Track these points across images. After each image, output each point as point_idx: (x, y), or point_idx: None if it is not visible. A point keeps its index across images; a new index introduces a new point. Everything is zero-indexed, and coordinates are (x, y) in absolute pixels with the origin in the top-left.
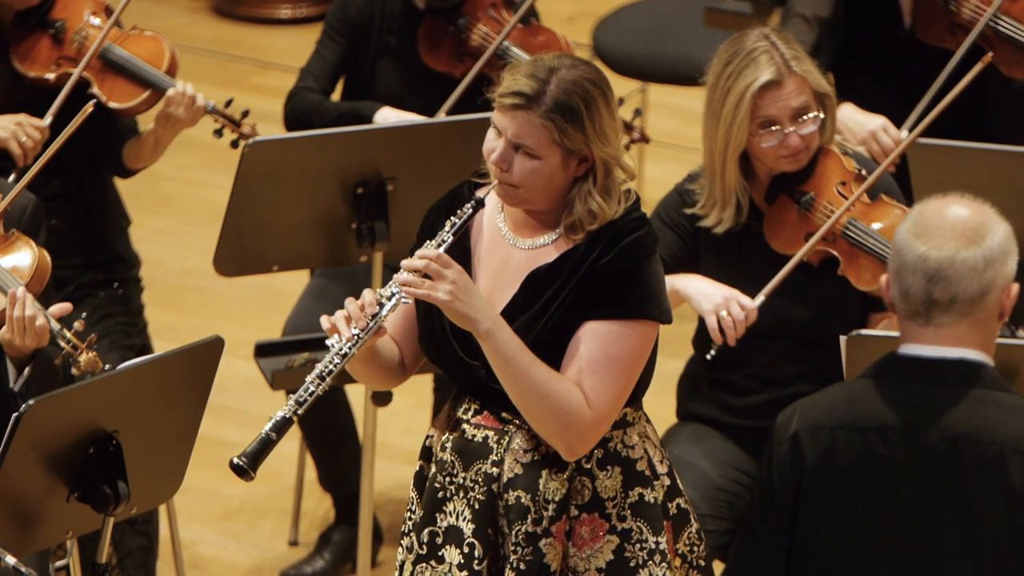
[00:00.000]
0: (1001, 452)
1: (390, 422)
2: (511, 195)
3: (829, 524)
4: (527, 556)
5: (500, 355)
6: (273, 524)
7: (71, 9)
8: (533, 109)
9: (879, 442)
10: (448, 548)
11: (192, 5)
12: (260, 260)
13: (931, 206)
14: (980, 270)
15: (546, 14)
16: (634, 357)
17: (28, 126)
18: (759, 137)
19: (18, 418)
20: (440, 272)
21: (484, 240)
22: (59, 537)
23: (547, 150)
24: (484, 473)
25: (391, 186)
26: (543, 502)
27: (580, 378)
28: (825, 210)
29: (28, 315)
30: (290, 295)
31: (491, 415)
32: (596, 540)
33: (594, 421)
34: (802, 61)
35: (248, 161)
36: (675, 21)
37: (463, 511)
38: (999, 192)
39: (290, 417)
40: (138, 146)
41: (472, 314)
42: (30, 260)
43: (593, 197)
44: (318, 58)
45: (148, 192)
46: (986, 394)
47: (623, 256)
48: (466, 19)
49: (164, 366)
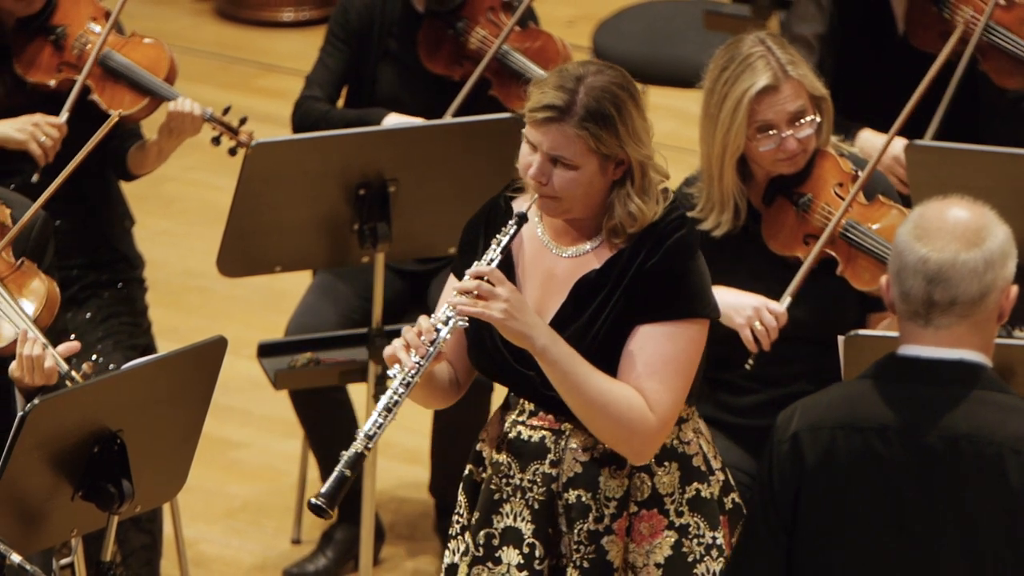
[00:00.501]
0: (1000, 453)
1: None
2: (552, 207)
3: (828, 524)
4: (590, 554)
5: (558, 370)
6: (276, 522)
7: (72, 15)
8: (566, 120)
9: (878, 442)
10: (506, 549)
11: (195, 8)
12: (263, 261)
13: (931, 208)
14: (980, 272)
15: (546, 17)
16: (689, 356)
17: (46, 125)
18: (756, 141)
19: (23, 418)
20: (493, 291)
21: (526, 251)
22: (64, 535)
23: (584, 159)
24: (542, 473)
25: (393, 187)
26: (604, 500)
27: (639, 383)
28: (823, 211)
29: (36, 355)
30: (293, 295)
31: (547, 415)
32: (655, 536)
33: (658, 424)
34: (798, 65)
35: (251, 163)
36: (674, 24)
37: (521, 512)
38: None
39: (362, 452)
40: (143, 154)
41: (527, 331)
42: (41, 293)
43: (632, 199)
44: (322, 66)
45: (152, 193)
46: (985, 395)
47: (668, 257)
48: (464, 22)
49: (168, 366)
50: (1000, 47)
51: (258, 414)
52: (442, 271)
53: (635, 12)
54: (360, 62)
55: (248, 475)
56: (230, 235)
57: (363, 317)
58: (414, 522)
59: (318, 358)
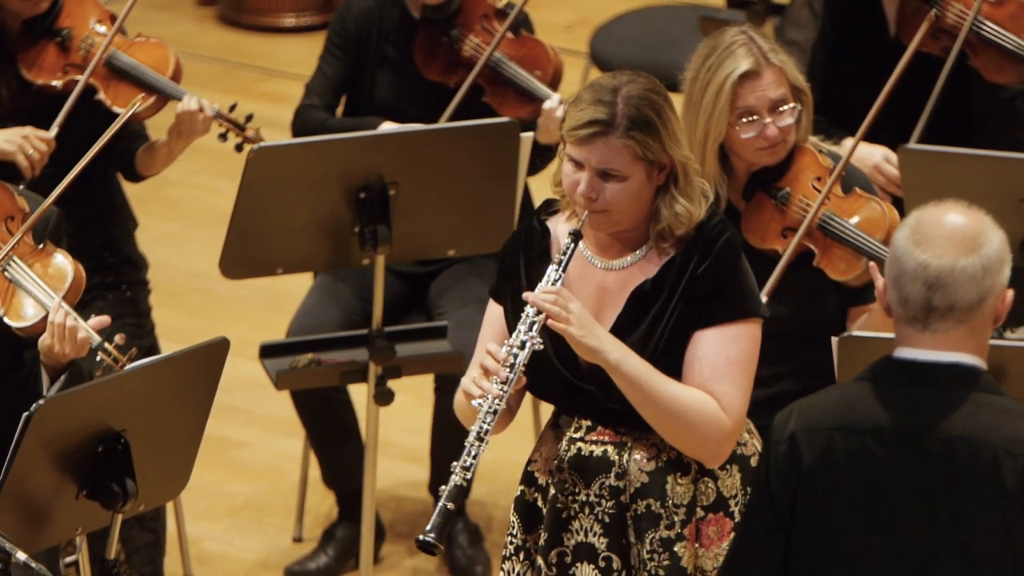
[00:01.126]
0: (995, 455)
1: (392, 421)
2: (603, 221)
3: (825, 524)
4: (664, 561)
5: (633, 382)
6: (278, 521)
7: (77, 17)
8: (611, 133)
9: (875, 444)
10: (580, 565)
11: (199, 14)
12: (265, 263)
13: (929, 213)
14: (979, 278)
15: (545, 23)
16: (750, 356)
17: (35, 139)
18: (738, 128)
19: (28, 418)
20: (567, 308)
21: (571, 269)
22: (69, 534)
23: (633, 168)
24: (609, 487)
25: (393, 191)
26: (673, 507)
27: (709, 387)
28: (800, 204)
29: (69, 325)
30: (294, 297)
31: (606, 429)
32: (722, 539)
33: (732, 426)
34: (779, 53)
35: (253, 166)
36: (671, 30)
37: (592, 527)
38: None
39: (462, 484)
40: (151, 155)
41: (599, 346)
42: (68, 271)
43: (677, 200)
44: (321, 74)
45: (156, 196)
46: (980, 397)
47: (720, 261)
48: (458, 30)
49: (171, 366)
50: (990, 42)
51: (260, 414)
52: (442, 273)
53: (632, 18)
54: (358, 69)
55: (250, 474)
56: (232, 237)
57: (364, 318)
58: (414, 520)
59: (319, 359)
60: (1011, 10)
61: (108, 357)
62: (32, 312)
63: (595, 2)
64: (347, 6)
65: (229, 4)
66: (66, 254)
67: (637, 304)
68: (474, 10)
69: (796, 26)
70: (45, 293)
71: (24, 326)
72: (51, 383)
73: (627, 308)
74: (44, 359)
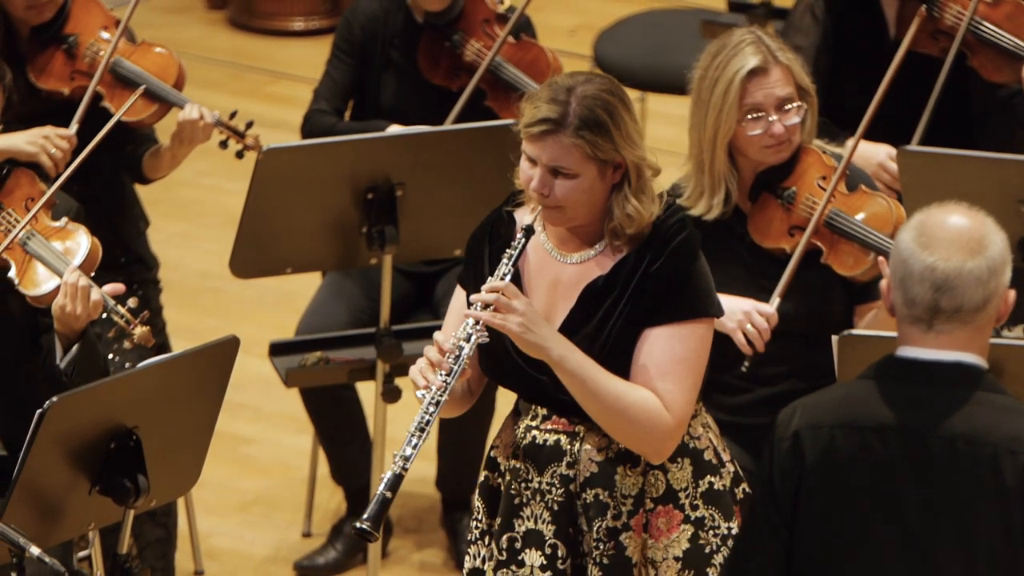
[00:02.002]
0: (996, 453)
1: (399, 418)
2: (556, 217)
3: (827, 521)
4: (609, 551)
5: (576, 378)
6: (287, 516)
7: (84, 24)
8: (561, 131)
9: (877, 441)
10: (528, 551)
11: (209, 18)
12: (274, 262)
13: (933, 215)
14: (984, 280)
15: (549, 26)
16: (698, 356)
17: (55, 137)
18: (745, 125)
19: (42, 415)
20: (510, 305)
21: (531, 261)
22: (82, 529)
23: (583, 166)
24: (560, 475)
25: (400, 191)
26: (621, 497)
27: (653, 384)
28: (807, 203)
29: (83, 285)
30: (303, 296)
31: (561, 418)
32: (672, 530)
33: (675, 423)
34: (787, 52)
35: (263, 168)
36: (673, 33)
37: (542, 514)
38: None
39: (400, 473)
40: (157, 160)
41: (543, 343)
42: (85, 244)
43: (629, 200)
44: (328, 79)
45: (167, 197)
46: (982, 396)
47: (673, 260)
48: (460, 35)
49: (182, 364)
50: (988, 42)
51: (269, 411)
52: (448, 272)
53: (635, 22)
54: (365, 73)
55: (260, 470)
56: (242, 238)
57: (371, 317)
58: (421, 516)
59: (327, 357)
60: (1007, 10)
61: (121, 319)
62: (46, 280)
63: (599, 6)
64: (352, 11)
65: (239, 8)
66: (84, 229)
67: (589, 300)
68: (475, 15)
69: (798, 31)
70: (61, 262)
71: (38, 294)
72: (64, 353)
73: (579, 304)
74: (57, 325)
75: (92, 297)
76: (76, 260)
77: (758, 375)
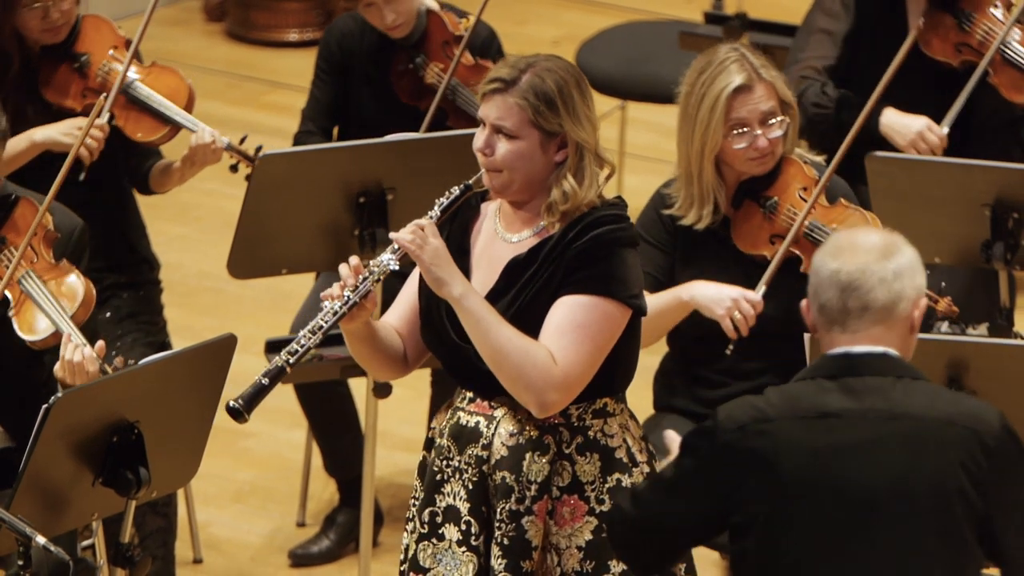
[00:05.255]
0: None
1: (390, 413)
2: (496, 180)
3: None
4: (510, 532)
5: (471, 316)
6: (282, 507)
7: (95, 44)
8: (509, 92)
9: (821, 428)
10: (448, 526)
11: (208, 30)
12: (270, 264)
13: (844, 233)
14: (889, 280)
15: (533, 38)
16: (600, 328)
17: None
18: (731, 139)
19: (47, 410)
20: (425, 239)
21: (481, 239)
22: (85, 519)
23: (524, 130)
24: (475, 456)
25: (391, 196)
26: (526, 482)
27: (548, 340)
28: (788, 213)
29: (78, 362)
30: (297, 296)
31: (483, 401)
32: (576, 520)
33: (560, 377)
34: (770, 69)
35: (259, 173)
36: (652, 44)
37: (459, 492)
38: (951, 202)
39: (283, 366)
40: (166, 177)
41: (447, 279)
42: (79, 291)
43: (566, 178)
44: (313, 100)
45: (168, 202)
46: (909, 382)
47: (593, 240)
48: (423, 57)
49: (182, 361)
50: (1012, 62)
51: (266, 406)
52: None
53: (616, 33)
54: (347, 88)
55: (256, 463)
56: (240, 240)
57: None
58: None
59: (321, 354)
60: None
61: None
62: (43, 328)
63: (581, 18)
64: (330, 31)
65: (236, 20)
66: (79, 274)
67: (511, 273)
68: (436, 38)
69: (827, 15)
70: (56, 311)
71: (36, 340)
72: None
73: (502, 275)
74: (59, 382)
75: (89, 371)
76: (70, 309)
77: (737, 370)
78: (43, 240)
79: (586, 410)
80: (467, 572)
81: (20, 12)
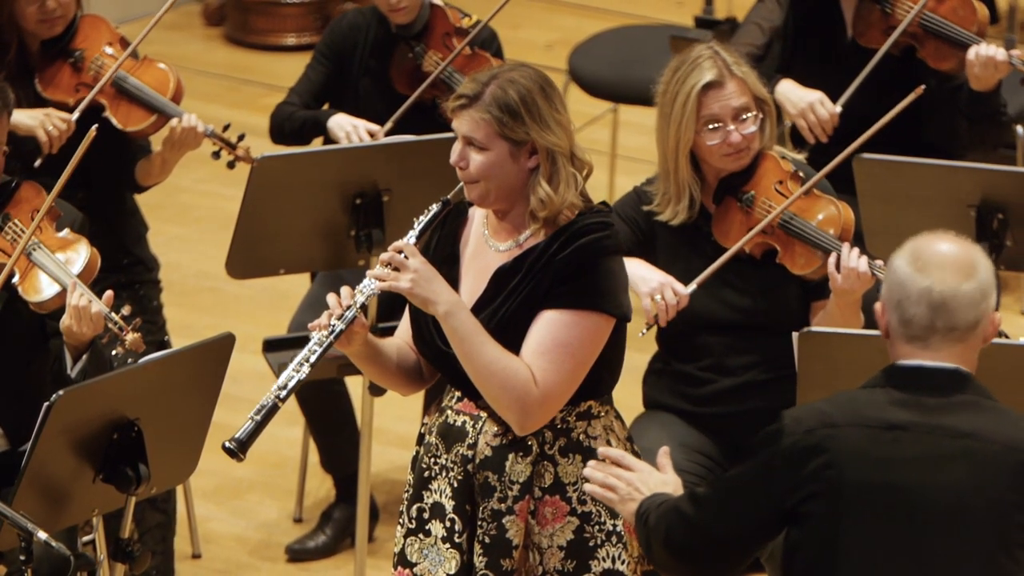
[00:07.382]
0: (997, 451)
1: (385, 410)
2: (474, 191)
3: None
4: (491, 531)
5: (457, 335)
6: (280, 503)
7: (90, 40)
8: (474, 106)
9: (887, 440)
10: (433, 522)
11: (207, 34)
12: (268, 264)
13: (924, 242)
14: (977, 302)
15: (527, 42)
16: (583, 345)
17: (55, 117)
18: (704, 135)
19: (49, 407)
20: (404, 263)
21: (470, 247)
22: (86, 514)
23: (492, 142)
24: (461, 455)
25: (386, 197)
26: (508, 482)
27: (530, 359)
28: (764, 206)
29: (83, 305)
30: (295, 295)
31: (470, 402)
32: (557, 520)
33: (540, 398)
34: (742, 66)
35: (257, 175)
36: (643, 48)
37: (445, 489)
38: (936, 203)
39: (275, 403)
40: (148, 165)
41: (432, 298)
42: (84, 255)
43: (541, 185)
44: (305, 78)
45: (168, 203)
46: (980, 400)
47: (579, 251)
48: (422, 46)
49: (181, 360)
50: (934, 32)
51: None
52: None
53: (608, 37)
54: (344, 79)
55: (254, 459)
56: (238, 240)
57: None
58: None
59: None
60: (952, 5)
61: (115, 326)
62: (47, 287)
63: (574, 22)
64: (339, 20)
65: (235, 24)
66: (85, 240)
67: (498, 282)
68: (438, 29)
69: (762, 8)
70: (62, 271)
71: (39, 300)
72: (74, 363)
73: (489, 284)
74: (66, 339)
75: (92, 310)
76: (75, 268)
77: (724, 367)
78: (48, 215)
79: (570, 412)
80: (451, 568)
81: (18, 1)
